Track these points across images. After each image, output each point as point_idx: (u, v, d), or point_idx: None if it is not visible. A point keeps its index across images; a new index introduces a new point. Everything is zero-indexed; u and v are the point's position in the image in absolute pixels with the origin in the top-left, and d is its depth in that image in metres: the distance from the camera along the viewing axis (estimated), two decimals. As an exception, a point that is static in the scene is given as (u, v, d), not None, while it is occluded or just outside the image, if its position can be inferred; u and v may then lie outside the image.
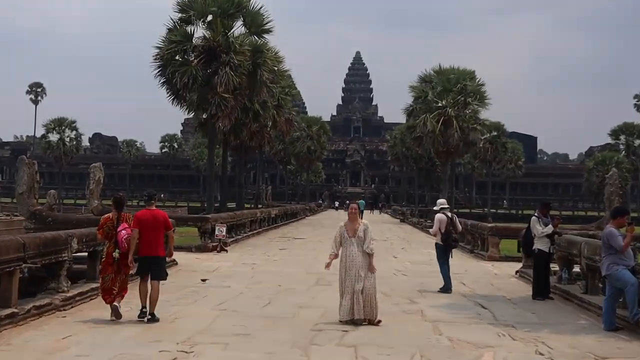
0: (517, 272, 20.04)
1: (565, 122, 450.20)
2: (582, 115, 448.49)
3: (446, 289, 16.29)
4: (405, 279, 18.69)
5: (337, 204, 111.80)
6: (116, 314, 11.47)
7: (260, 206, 63.44)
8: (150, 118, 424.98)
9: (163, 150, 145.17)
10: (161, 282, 11.88)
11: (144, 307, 11.60)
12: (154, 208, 12.10)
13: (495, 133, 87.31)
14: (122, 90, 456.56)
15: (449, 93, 45.85)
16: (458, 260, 25.05)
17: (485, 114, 49.08)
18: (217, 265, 20.59)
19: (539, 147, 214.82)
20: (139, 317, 11.52)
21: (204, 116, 37.12)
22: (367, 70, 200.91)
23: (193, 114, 37.14)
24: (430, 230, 16.80)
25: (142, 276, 11.88)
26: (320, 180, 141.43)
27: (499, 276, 20.07)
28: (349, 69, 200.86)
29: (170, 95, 34.75)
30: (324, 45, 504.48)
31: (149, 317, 11.46)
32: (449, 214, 16.86)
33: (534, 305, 14.52)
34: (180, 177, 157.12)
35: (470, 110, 46.58)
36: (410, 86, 48.19)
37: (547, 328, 11.82)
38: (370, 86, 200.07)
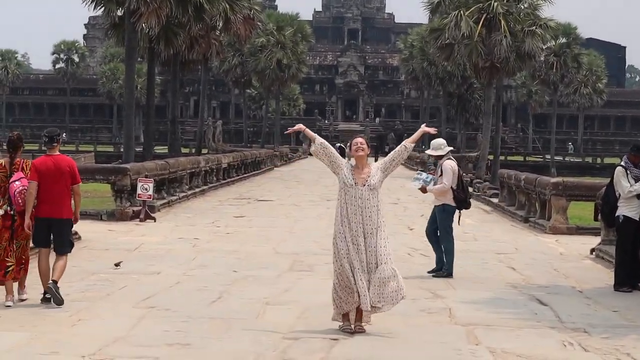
0: (592, 250, 20.22)
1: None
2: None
3: (448, 272, 16.67)
4: (426, 261, 18.76)
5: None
6: (8, 293, 12.45)
7: (205, 151, 63.40)
8: (38, 17, 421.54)
9: (57, 66, 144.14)
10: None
11: (46, 285, 12.41)
12: (57, 154, 12.78)
13: (563, 40, 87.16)
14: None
15: (496, -24, 45.77)
16: (506, 233, 25.33)
17: (550, 11, 49.17)
18: (140, 241, 20.68)
19: (628, 62, 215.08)
20: (41, 300, 12.43)
21: (119, 12, 36.85)
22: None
23: (102, 8, 36.91)
24: (443, 183, 16.79)
25: (41, 246, 12.70)
26: (297, 111, 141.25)
27: (566, 257, 20.31)
28: None
29: (66, -20, 34.53)
30: None
31: (50, 287, 12.35)
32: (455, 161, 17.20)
33: (616, 300, 14.69)
34: (84, 106, 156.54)
35: (526, 5, 46.54)
36: (436, -35, 48.07)
37: (635, 333, 11.98)
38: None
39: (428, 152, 17.04)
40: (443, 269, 16.77)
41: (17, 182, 12.40)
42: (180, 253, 19.01)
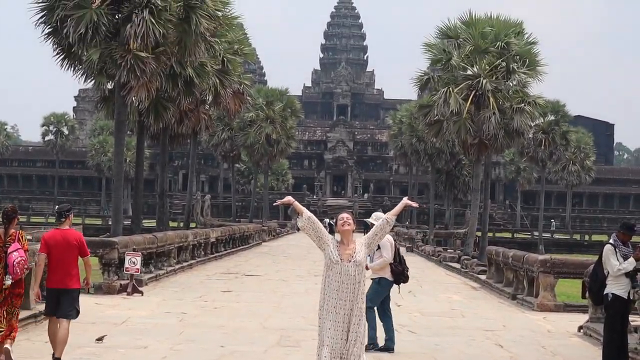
0: (580, 328, 20.25)
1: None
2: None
3: (370, 343, 16.37)
4: (414, 338, 18.83)
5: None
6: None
7: (193, 225, 63.38)
8: (28, 89, 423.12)
9: (46, 138, 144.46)
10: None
11: (55, 354, 13.37)
12: (67, 228, 13.86)
13: (552, 117, 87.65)
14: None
15: (484, 55, 46.06)
16: (493, 310, 25.32)
17: (538, 89, 49.47)
18: (127, 315, 20.62)
19: (616, 140, 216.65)
20: None
21: (109, 86, 37.03)
22: (359, 18, 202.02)
23: (92, 82, 37.07)
24: (381, 258, 16.86)
25: (51, 315, 13.69)
26: (286, 186, 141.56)
27: (553, 334, 20.29)
28: (332, 16, 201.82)
29: (58, 53, 34.70)
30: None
31: None
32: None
33: (605, 380, 14.69)
34: (72, 179, 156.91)
35: (515, 82, 46.80)
36: (425, 44, 48.24)
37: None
38: (364, 43, 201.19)
39: (370, 220, 17.04)
40: (369, 342, 16.54)
41: (15, 253, 13.03)
42: (167, 327, 18.97)
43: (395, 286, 17.37)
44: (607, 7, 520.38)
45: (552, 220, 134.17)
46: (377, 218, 16.44)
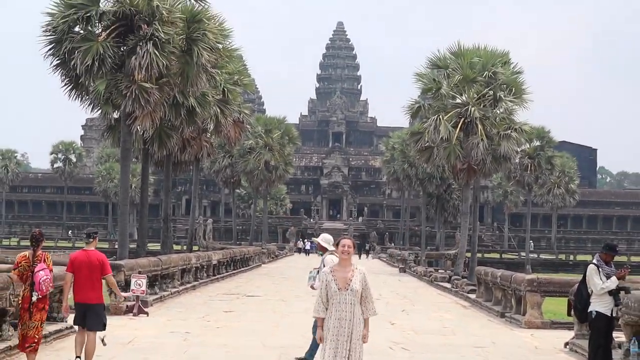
0: (566, 344, 20.26)
1: (638, 128, 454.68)
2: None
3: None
4: (407, 355, 18.80)
5: (308, 245, 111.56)
6: None
7: (196, 248, 63.29)
8: (38, 118, 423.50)
9: (55, 166, 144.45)
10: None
11: (77, 356, 14.74)
12: (92, 249, 15.24)
13: (537, 143, 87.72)
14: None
15: (472, 84, 46.14)
16: (483, 328, 25.30)
17: (524, 116, 49.51)
18: (133, 335, 20.59)
19: (599, 164, 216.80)
20: None
21: (115, 115, 37.02)
22: (353, 49, 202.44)
23: (99, 111, 37.03)
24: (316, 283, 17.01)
25: (78, 326, 15.15)
26: (284, 210, 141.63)
27: (540, 351, 20.27)
28: (327, 47, 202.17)
29: (66, 84, 34.68)
30: (291, 13, 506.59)
31: None
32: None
33: (591, 393, 14.68)
34: (80, 204, 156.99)
35: (502, 110, 46.86)
36: (416, 74, 48.32)
37: None
38: (358, 73, 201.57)
39: (318, 240, 17.12)
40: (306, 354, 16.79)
41: (41, 272, 14.26)
42: (172, 347, 18.94)
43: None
44: (590, 38, 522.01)
45: (531, 241, 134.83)
46: (326, 240, 16.71)
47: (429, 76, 47.37)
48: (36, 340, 14.59)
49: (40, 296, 14.33)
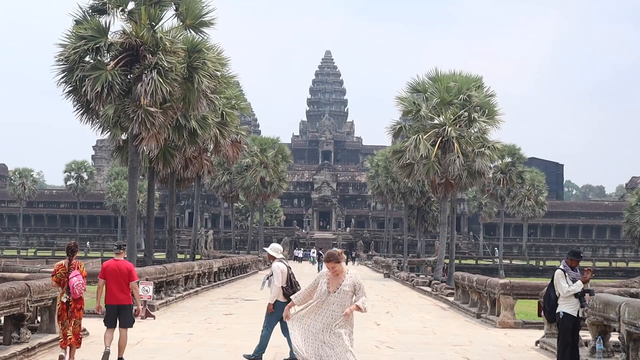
0: (537, 342, 20.24)
1: (601, 145, 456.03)
2: (623, 136, 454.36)
3: (257, 356, 16.88)
4: (391, 353, 18.76)
5: (300, 253, 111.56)
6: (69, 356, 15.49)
7: (198, 257, 63.21)
8: (52, 140, 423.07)
9: (68, 183, 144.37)
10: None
11: (106, 347, 15.57)
12: (121, 259, 16.20)
13: (509, 159, 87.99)
14: (12, 102, 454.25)
15: (449, 107, 46.25)
16: (461, 328, 25.26)
17: (496, 135, 49.57)
18: (140, 337, 20.50)
19: (566, 178, 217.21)
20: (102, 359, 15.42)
21: (123, 137, 36.96)
22: (340, 76, 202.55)
23: (108, 133, 36.97)
24: (274, 284, 16.99)
25: (107, 324, 15.88)
26: (278, 222, 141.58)
27: (513, 348, 20.27)
28: (316, 74, 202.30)
29: (78, 109, 34.62)
30: (283, 43, 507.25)
31: None
32: (287, 263, 17.33)
33: (559, 387, 14.67)
34: (92, 218, 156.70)
35: (476, 130, 46.98)
36: (397, 97, 48.36)
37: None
38: (345, 97, 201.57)
39: (268, 249, 17.29)
40: (254, 353, 16.99)
41: (74, 278, 15.35)
42: (176, 347, 18.92)
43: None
44: (556, 61, 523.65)
45: (496, 248, 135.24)
46: (275, 250, 17.24)
47: (409, 99, 47.47)
48: (81, 336, 15.85)
49: (73, 298, 15.39)
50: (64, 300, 15.47)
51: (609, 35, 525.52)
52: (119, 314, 15.88)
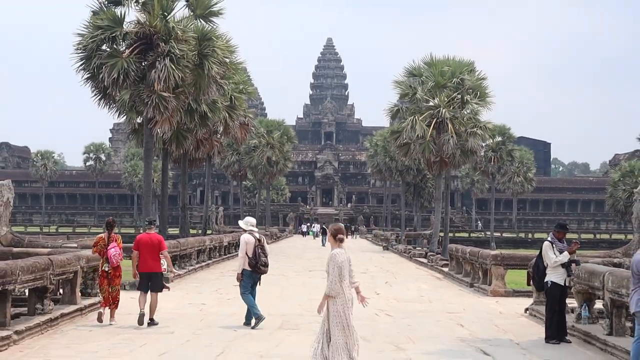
0: (526, 309, 20.29)
1: (585, 124, 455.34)
2: (606, 116, 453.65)
3: (257, 316, 17.17)
4: (390, 320, 18.82)
5: (305, 228, 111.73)
6: (99, 319, 16.80)
7: (209, 232, 63.29)
8: (71, 123, 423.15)
9: (87, 164, 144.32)
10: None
11: (142, 309, 16.71)
12: (153, 232, 17.50)
13: (499, 138, 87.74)
14: (35, 88, 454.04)
15: (443, 89, 46.11)
16: (455, 296, 25.30)
17: (488, 115, 49.32)
18: (157, 307, 20.56)
19: (553, 156, 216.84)
20: (138, 321, 16.64)
21: (139, 120, 37.01)
22: (340, 61, 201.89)
23: (124, 117, 36.98)
24: (238, 256, 17.92)
25: (142, 290, 17.04)
26: (283, 199, 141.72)
27: (504, 315, 20.31)
28: (319, 60, 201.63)
29: (95, 94, 34.60)
30: (287, 31, 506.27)
31: (149, 321, 16.93)
32: (257, 235, 17.63)
33: (547, 350, 14.74)
34: (109, 196, 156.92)
35: (468, 111, 46.84)
36: (394, 81, 48.23)
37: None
38: (345, 81, 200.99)
39: (241, 223, 17.93)
40: (252, 320, 17.31)
41: (112, 250, 16.93)
42: (190, 316, 18.97)
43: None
44: (543, 44, 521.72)
45: (479, 222, 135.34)
46: (245, 222, 17.82)
47: (406, 83, 47.29)
48: (118, 299, 17.33)
49: (111, 267, 16.95)
50: (105, 269, 17.00)
51: (594, 17, 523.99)
52: (151, 280, 17.09)
